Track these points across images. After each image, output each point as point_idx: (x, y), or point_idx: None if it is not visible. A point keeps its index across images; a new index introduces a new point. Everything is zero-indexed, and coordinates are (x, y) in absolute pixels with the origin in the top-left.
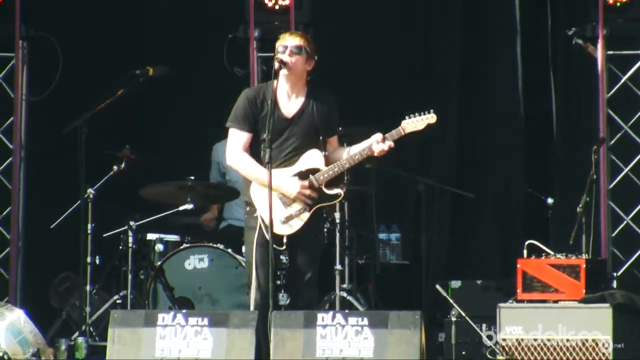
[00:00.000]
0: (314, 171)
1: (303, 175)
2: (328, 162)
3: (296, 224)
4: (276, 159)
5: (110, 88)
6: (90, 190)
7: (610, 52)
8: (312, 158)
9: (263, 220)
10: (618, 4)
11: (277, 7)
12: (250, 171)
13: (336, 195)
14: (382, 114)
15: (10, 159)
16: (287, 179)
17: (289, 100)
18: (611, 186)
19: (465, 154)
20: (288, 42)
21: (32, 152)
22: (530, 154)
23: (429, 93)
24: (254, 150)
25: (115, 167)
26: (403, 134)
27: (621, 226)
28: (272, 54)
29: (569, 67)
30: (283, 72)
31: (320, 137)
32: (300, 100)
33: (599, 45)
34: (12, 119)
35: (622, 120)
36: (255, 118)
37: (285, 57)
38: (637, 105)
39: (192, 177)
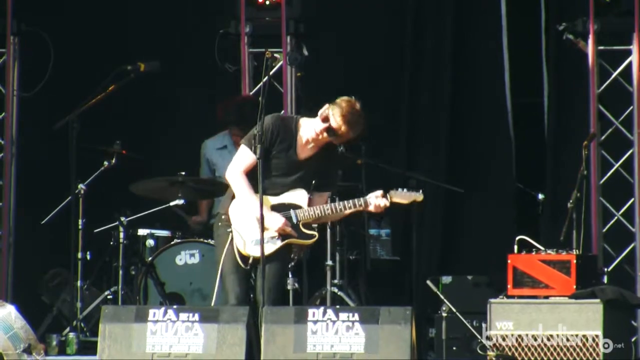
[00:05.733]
0: (296, 207)
1: (284, 207)
2: (311, 205)
3: (268, 248)
4: (271, 188)
5: (101, 84)
6: (81, 186)
7: (600, 48)
8: (297, 195)
9: (239, 236)
10: None
11: (267, 2)
12: (242, 195)
13: (311, 236)
14: (372, 108)
15: (1, 154)
16: (271, 214)
17: (306, 145)
18: (602, 182)
19: (455, 149)
20: (332, 121)
21: (23, 147)
22: (521, 149)
23: (420, 88)
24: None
25: (106, 163)
26: (388, 201)
27: (612, 222)
28: (264, 50)
29: (560, 63)
30: (313, 134)
31: (313, 182)
32: (314, 149)
33: (590, 41)
34: (3, 114)
35: (612, 116)
36: (271, 146)
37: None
38: (627, 100)
39: (183, 173)
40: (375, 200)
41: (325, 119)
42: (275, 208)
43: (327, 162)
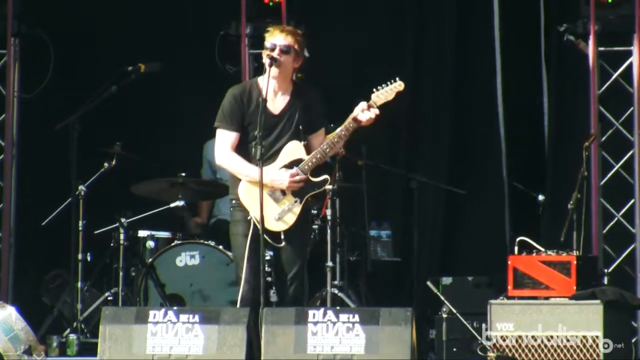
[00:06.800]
0: (298, 162)
1: (287, 167)
2: (309, 151)
3: (290, 219)
4: (264, 155)
5: (102, 85)
6: (82, 187)
7: (601, 49)
8: (293, 149)
9: (256, 220)
10: (609, 0)
11: (271, 3)
12: (241, 169)
13: (324, 181)
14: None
15: (1, 156)
16: (274, 173)
17: (275, 97)
18: (602, 183)
19: (456, 151)
20: (277, 41)
21: (23, 149)
22: (522, 150)
23: (421, 89)
24: (242, 148)
25: (106, 164)
26: (375, 107)
27: (612, 223)
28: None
29: (560, 64)
30: (273, 70)
31: (303, 132)
32: (286, 97)
33: (590, 42)
34: (3, 116)
35: (613, 117)
36: (242, 116)
37: (276, 55)
38: (628, 101)
39: (184, 174)
40: (364, 115)
41: (272, 47)
42: None
43: (304, 104)
